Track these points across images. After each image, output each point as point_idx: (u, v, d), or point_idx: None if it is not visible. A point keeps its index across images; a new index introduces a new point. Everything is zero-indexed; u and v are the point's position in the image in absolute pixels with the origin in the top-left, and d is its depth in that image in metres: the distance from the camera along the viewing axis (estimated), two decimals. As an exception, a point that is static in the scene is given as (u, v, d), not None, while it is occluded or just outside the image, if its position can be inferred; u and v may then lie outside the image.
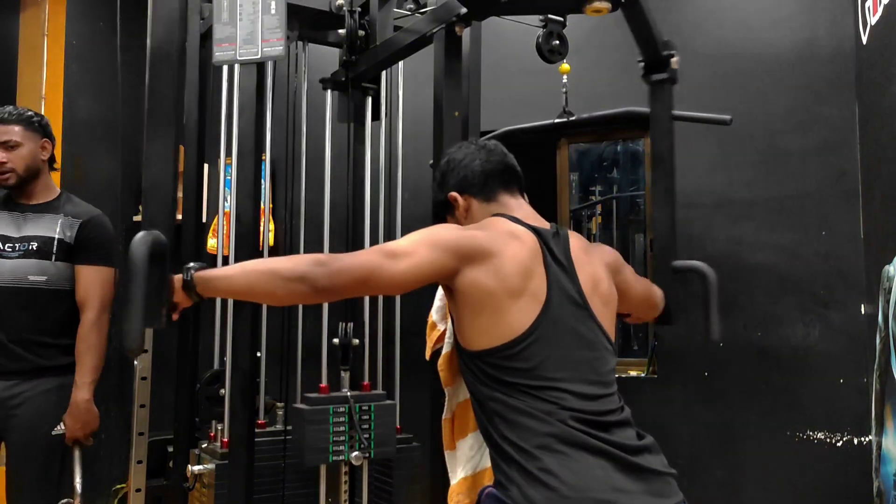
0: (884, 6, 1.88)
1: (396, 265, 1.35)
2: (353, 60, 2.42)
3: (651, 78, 2.10)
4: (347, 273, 1.34)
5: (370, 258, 1.37)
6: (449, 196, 1.60)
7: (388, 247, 1.40)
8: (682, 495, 1.35)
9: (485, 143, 1.65)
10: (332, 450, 2.15)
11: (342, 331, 2.29)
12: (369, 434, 2.20)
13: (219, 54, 2.36)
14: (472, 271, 1.38)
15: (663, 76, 2.08)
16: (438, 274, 1.39)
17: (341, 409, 2.17)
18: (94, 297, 2.37)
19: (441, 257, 1.37)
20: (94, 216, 2.45)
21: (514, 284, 1.38)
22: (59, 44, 3.30)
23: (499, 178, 1.58)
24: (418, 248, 1.37)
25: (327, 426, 2.15)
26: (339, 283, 1.34)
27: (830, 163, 2.83)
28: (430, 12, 2.01)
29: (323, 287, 1.33)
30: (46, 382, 2.31)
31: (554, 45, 2.25)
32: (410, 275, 1.36)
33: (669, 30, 3.18)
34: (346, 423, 2.17)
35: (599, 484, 1.26)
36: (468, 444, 1.58)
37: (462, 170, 1.59)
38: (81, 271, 2.37)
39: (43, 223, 2.37)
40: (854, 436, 2.73)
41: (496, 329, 1.38)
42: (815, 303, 2.83)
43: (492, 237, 1.43)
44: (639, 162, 3.96)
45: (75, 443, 2.33)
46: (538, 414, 1.32)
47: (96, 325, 2.37)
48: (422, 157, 2.63)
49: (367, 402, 2.23)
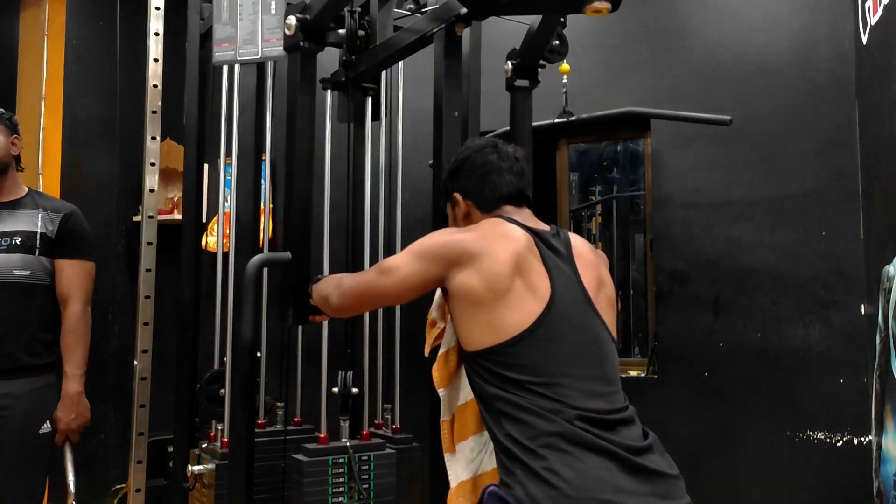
0: (884, 6, 1.88)
1: (387, 280, 1.50)
2: (353, 60, 2.42)
3: (516, 83, 2.19)
4: (350, 293, 1.60)
5: (366, 277, 1.59)
6: (454, 194, 1.63)
7: (383, 263, 1.56)
8: (688, 498, 1.34)
9: (508, 153, 1.62)
10: (332, 501, 2.14)
11: (341, 380, 2.29)
12: (368, 485, 2.20)
13: (219, 54, 2.36)
14: (459, 274, 1.42)
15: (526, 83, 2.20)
16: (428, 282, 1.47)
17: (340, 459, 2.17)
18: (79, 289, 2.37)
19: (426, 267, 1.45)
20: (74, 210, 2.45)
21: (501, 283, 1.39)
22: (59, 44, 3.29)
23: (507, 199, 1.59)
24: (407, 262, 1.48)
25: (326, 478, 2.14)
26: (347, 302, 1.62)
27: (830, 163, 2.83)
28: (430, 12, 2.01)
29: (336, 306, 1.65)
30: (32, 382, 2.30)
31: (554, 45, 2.25)
32: (401, 287, 1.49)
33: (670, 29, 3.21)
34: (346, 475, 2.17)
35: (604, 484, 1.26)
36: (469, 447, 1.58)
37: (476, 180, 1.59)
38: (63, 265, 2.37)
39: (22, 218, 2.36)
40: (854, 436, 2.73)
41: (493, 327, 1.38)
42: (814, 303, 2.83)
43: (479, 238, 1.45)
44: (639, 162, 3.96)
45: (66, 440, 2.33)
46: (544, 413, 1.32)
47: (82, 317, 2.37)
48: (422, 157, 2.63)
49: (366, 451, 2.23)
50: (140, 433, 2.55)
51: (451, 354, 1.60)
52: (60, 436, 2.32)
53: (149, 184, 2.63)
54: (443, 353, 1.61)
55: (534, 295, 1.40)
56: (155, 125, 2.65)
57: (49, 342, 2.36)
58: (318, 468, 2.14)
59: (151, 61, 2.65)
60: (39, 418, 2.29)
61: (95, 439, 3.26)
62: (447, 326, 1.61)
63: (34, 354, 2.32)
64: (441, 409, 1.64)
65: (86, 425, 2.37)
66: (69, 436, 2.33)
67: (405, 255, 1.50)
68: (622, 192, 4.30)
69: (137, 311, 2.59)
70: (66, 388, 2.31)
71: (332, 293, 1.65)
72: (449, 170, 1.66)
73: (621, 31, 3.27)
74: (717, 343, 2.99)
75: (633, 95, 3.17)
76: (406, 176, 2.72)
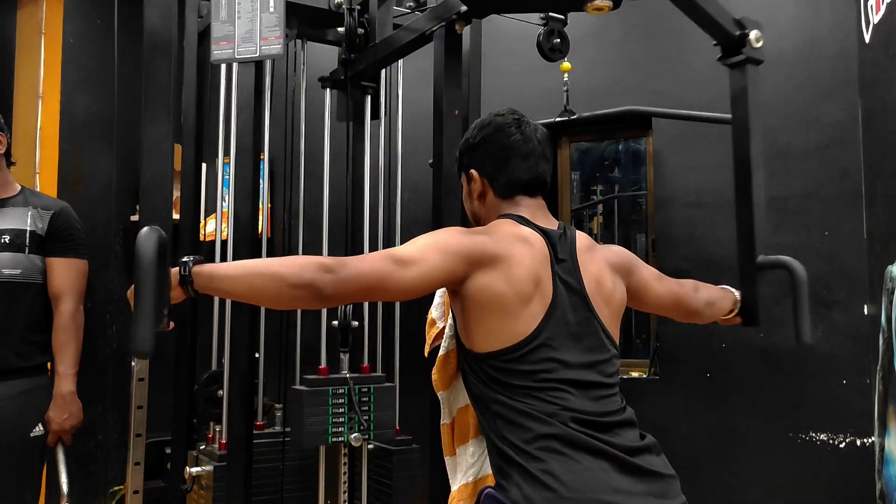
0: (886, 4, 1.86)
1: (407, 272, 1.32)
2: (352, 59, 2.41)
3: (728, 60, 1.95)
4: (355, 281, 1.30)
5: (380, 266, 1.31)
6: (470, 170, 1.56)
7: (396, 253, 1.35)
8: (683, 497, 1.34)
9: (530, 135, 1.55)
10: (332, 431, 2.14)
11: (341, 313, 2.28)
12: (368, 416, 2.19)
13: (217, 53, 2.34)
14: (482, 276, 1.36)
15: (741, 57, 1.92)
16: (448, 279, 1.37)
17: (340, 390, 2.16)
18: (71, 288, 2.34)
19: (451, 263, 1.35)
20: (64, 207, 2.42)
21: (524, 288, 1.37)
22: (57, 42, 3.27)
23: (525, 186, 1.54)
24: (428, 254, 1.34)
25: (326, 407, 2.14)
26: (346, 290, 1.30)
27: (833, 162, 2.82)
28: (430, 10, 2.00)
29: (329, 295, 1.29)
30: (22, 384, 2.27)
31: (555, 43, 2.23)
32: (421, 281, 1.33)
33: (671, 28, 3.19)
34: (346, 405, 2.16)
35: (600, 485, 1.26)
36: (469, 451, 1.57)
37: (495, 162, 1.53)
38: (55, 263, 2.34)
39: (12, 216, 2.33)
40: (857, 437, 2.72)
41: (503, 331, 1.37)
42: (817, 303, 2.82)
43: (499, 241, 1.41)
44: (640, 161, 3.94)
45: (58, 441, 2.30)
46: (540, 415, 1.32)
47: (75, 316, 2.34)
48: (422, 156, 2.62)
49: (366, 384, 2.22)
50: (138, 434, 2.53)
51: (450, 357, 1.58)
52: (53, 436, 2.28)
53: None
54: (442, 356, 1.59)
55: (540, 300, 1.39)
56: (153, 124, 2.63)
57: (40, 343, 2.33)
58: (319, 398, 2.13)
59: (149, 60, 2.63)
60: (30, 421, 2.26)
61: (93, 440, 3.25)
62: (446, 329, 1.59)
63: (23, 356, 2.29)
64: (441, 412, 1.62)
65: (78, 426, 2.34)
66: (62, 436, 2.30)
67: (423, 249, 1.35)
68: (624, 191, 4.28)
69: (135, 311, 2.57)
70: (59, 387, 2.29)
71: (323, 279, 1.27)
72: (467, 142, 1.58)
73: (623, 30, 3.26)
74: (719, 344, 2.98)
75: (635, 94, 3.15)
76: (406, 176, 2.71)
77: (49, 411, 2.28)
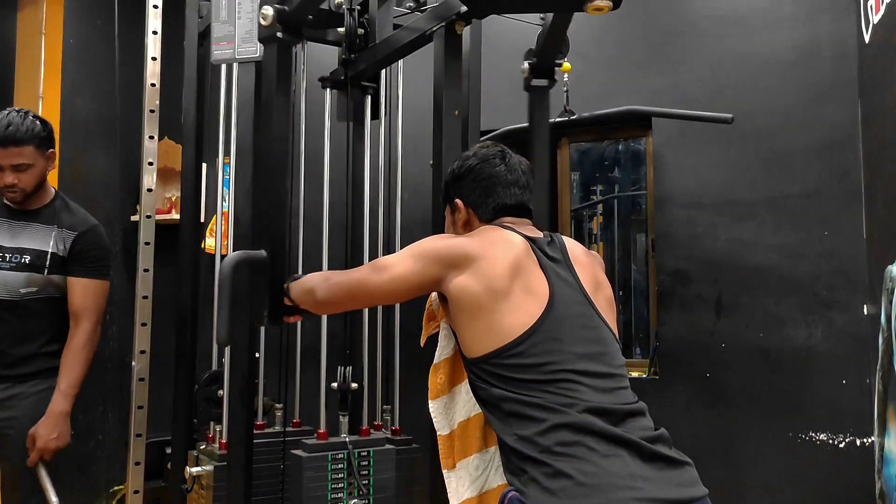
0: (886, 5, 1.86)
1: (382, 276, 1.48)
2: (352, 59, 2.41)
3: (532, 83, 2.15)
4: (339, 287, 1.56)
5: (360, 273, 1.55)
6: (455, 200, 1.62)
7: (378, 261, 1.54)
8: (705, 489, 1.34)
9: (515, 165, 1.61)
10: (331, 497, 2.13)
11: (341, 375, 2.27)
12: (368, 481, 2.19)
13: (217, 53, 2.35)
14: (457, 277, 1.42)
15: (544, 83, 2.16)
16: (425, 282, 1.46)
17: (340, 455, 2.15)
18: (89, 310, 2.33)
19: (424, 266, 1.44)
20: (90, 228, 2.38)
21: (500, 285, 1.40)
22: (57, 43, 3.27)
23: (510, 209, 1.59)
24: (403, 260, 1.47)
25: (325, 473, 2.13)
26: (336, 296, 1.57)
27: (833, 162, 2.82)
28: (430, 10, 1.99)
29: (322, 299, 1.59)
30: (38, 384, 2.28)
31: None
32: (394, 284, 1.47)
33: (671, 28, 3.19)
34: (345, 470, 2.16)
35: (618, 471, 1.25)
36: (473, 465, 1.55)
37: (480, 191, 1.59)
38: (76, 284, 2.32)
39: (37, 234, 2.31)
40: (856, 437, 2.72)
41: (495, 331, 1.39)
42: (817, 303, 2.82)
43: (477, 242, 1.46)
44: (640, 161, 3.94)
45: (40, 461, 2.20)
46: (555, 406, 1.32)
47: (91, 338, 2.33)
48: (422, 156, 2.61)
49: (365, 447, 2.21)
50: (138, 434, 2.53)
51: (443, 365, 1.59)
52: (36, 455, 2.18)
53: (147, 183, 2.62)
54: (436, 365, 1.60)
55: (534, 297, 1.41)
56: (153, 124, 2.63)
57: (52, 353, 2.32)
58: (318, 464, 2.12)
59: (149, 60, 2.64)
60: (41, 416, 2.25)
61: (93, 440, 3.25)
62: (441, 338, 1.60)
63: (42, 362, 2.30)
64: (435, 423, 1.60)
65: (63, 448, 2.25)
66: (43, 455, 2.20)
67: (401, 255, 1.50)
68: (623, 191, 4.28)
69: (135, 311, 2.57)
70: (54, 404, 2.23)
71: (320, 286, 1.60)
72: (453, 173, 1.64)
73: (623, 30, 3.26)
74: (719, 343, 2.98)
75: (635, 94, 3.15)
76: (406, 176, 2.71)
77: (38, 427, 2.21)
